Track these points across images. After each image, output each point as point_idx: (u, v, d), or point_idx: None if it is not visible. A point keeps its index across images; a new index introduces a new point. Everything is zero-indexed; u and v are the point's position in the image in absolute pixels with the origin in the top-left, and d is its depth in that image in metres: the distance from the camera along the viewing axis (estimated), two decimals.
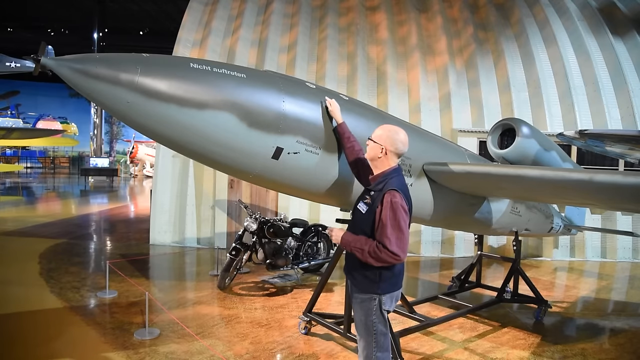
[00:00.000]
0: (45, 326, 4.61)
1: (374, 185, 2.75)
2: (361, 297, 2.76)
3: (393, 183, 2.68)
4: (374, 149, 2.76)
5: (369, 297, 2.74)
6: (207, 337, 4.42)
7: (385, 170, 2.76)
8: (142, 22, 31.39)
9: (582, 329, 5.24)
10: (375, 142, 2.76)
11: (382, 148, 2.74)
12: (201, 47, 9.65)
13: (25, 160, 36.38)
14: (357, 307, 2.80)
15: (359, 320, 2.80)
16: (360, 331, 2.80)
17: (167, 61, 2.60)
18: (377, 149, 2.75)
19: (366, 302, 2.75)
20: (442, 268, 8.03)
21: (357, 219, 2.79)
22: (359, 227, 2.74)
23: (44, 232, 9.66)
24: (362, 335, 2.79)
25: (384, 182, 2.71)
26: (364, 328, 2.77)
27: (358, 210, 2.78)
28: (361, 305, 2.77)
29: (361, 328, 2.79)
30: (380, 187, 2.69)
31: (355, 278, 2.78)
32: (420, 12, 10.61)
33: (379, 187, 2.70)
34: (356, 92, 9.20)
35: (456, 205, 4.30)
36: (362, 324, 2.78)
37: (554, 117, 9.21)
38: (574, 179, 3.31)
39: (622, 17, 10.18)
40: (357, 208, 2.80)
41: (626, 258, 8.97)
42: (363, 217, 2.71)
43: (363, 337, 2.79)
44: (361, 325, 2.79)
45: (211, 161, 2.90)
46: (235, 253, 5.85)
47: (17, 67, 17.73)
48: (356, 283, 2.78)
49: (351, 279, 2.84)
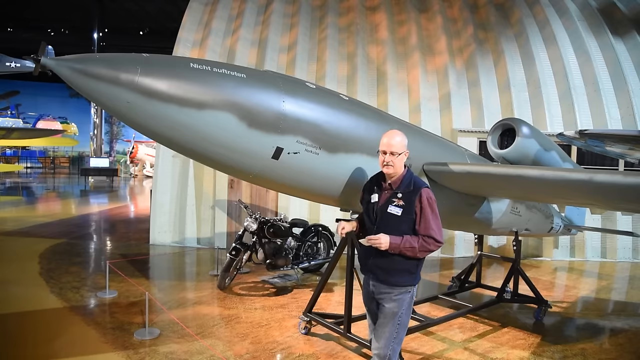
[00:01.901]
0: (45, 326, 4.61)
1: (400, 187, 2.82)
2: (398, 291, 2.84)
3: (418, 181, 2.87)
4: (402, 159, 2.83)
5: (405, 290, 2.85)
6: (207, 337, 4.42)
7: (403, 171, 2.87)
8: (142, 22, 31.40)
9: (582, 329, 5.24)
10: (400, 153, 2.82)
11: (407, 154, 2.86)
12: (201, 47, 9.65)
13: (25, 160, 36.39)
14: (388, 302, 2.85)
15: (389, 312, 2.84)
16: (386, 321, 2.85)
17: (167, 61, 2.61)
18: (405, 156, 2.85)
19: (402, 295, 2.85)
20: (442, 268, 8.03)
21: (392, 222, 2.80)
22: (396, 228, 2.78)
23: (44, 232, 9.65)
24: (386, 325, 2.84)
25: (408, 182, 2.83)
26: (392, 319, 2.84)
27: (390, 214, 2.80)
28: (396, 299, 2.84)
29: (389, 318, 2.85)
30: (410, 188, 2.80)
31: (391, 274, 2.83)
32: (420, 12, 10.61)
33: (408, 188, 2.80)
34: (356, 92, 9.20)
35: (456, 205, 4.30)
36: (391, 316, 2.84)
37: (554, 117, 9.21)
38: (574, 179, 3.31)
39: (622, 17, 10.18)
40: (388, 212, 2.80)
41: (626, 258, 8.97)
42: (400, 219, 2.78)
43: (387, 328, 2.84)
44: (390, 316, 2.85)
45: (211, 161, 2.91)
46: (235, 253, 5.85)
47: (17, 67, 17.73)
48: (391, 279, 2.83)
49: (383, 276, 2.85)
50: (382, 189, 2.91)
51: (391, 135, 2.85)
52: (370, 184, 3.03)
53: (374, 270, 2.89)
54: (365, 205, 2.99)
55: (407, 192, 2.79)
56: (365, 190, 3.06)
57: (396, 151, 2.79)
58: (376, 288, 2.91)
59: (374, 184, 2.98)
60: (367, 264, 2.94)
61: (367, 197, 2.98)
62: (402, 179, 2.84)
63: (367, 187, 3.05)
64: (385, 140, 2.83)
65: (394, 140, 2.81)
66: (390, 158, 2.79)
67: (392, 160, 2.79)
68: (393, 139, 2.81)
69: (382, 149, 2.83)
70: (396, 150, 2.79)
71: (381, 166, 2.86)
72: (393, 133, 2.86)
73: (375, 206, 2.88)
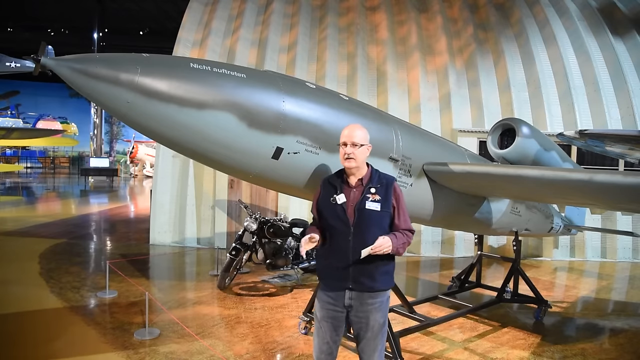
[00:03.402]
0: (45, 326, 4.61)
1: (372, 182, 2.68)
2: (381, 298, 2.65)
3: (387, 175, 2.77)
4: (364, 152, 2.69)
5: (387, 296, 2.70)
6: (207, 337, 4.42)
7: (369, 168, 2.76)
8: (142, 22, 31.38)
9: (582, 329, 5.24)
10: (363, 144, 2.68)
11: (369, 148, 2.74)
12: (201, 47, 9.65)
13: (25, 160, 36.40)
14: (374, 313, 2.62)
15: (377, 325, 2.62)
16: (374, 334, 2.63)
17: (167, 61, 2.60)
18: (367, 150, 2.72)
19: (385, 300, 2.68)
20: (442, 268, 8.03)
21: (373, 218, 2.62)
22: (378, 224, 2.62)
23: (44, 232, 9.65)
24: (375, 338, 2.63)
25: (377, 176, 2.72)
26: (380, 330, 2.65)
27: (370, 210, 2.61)
28: (381, 307, 2.65)
29: (377, 331, 2.63)
30: (383, 182, 2.69)
31: (376, 280, 2.62)
32: (420, 12, 10.61)
33: (380, 182, 2.69)
34: (356, 92, 9.20)
35: (456, 205, 4.30)
36: (379, 327, 2.64)
37: (554, 117, 9.21)
38: (574, 179, 3.31)
39: (622, 17, 10.18)
40: (367, 209, 2.60)
41: (626, 258, 8.97)
42: (380, 214, 2.62)
43: (377, 340, 2.64)
44: (379, 328, 2.63)
45: (211, 161, 2.90)
46: (235, 253, 5.85)
47: (17, 67, 17.71)
48: (376, 285, 2.63)
49: (369, 283, 2.61)
50: (349, 187, 2.69)
51: (352, 127, 2.72)
52: (329, 187, 2.74)
53: (358, 279, 2.60)
54: (330, 208, 2.67)
55: (379, 186, 2.66)
56: (323, 194, 2.74)
57: (358, 142, 2.63)
58: (358, 300, 2.62)
59: (334, 185, 2.72)
60: (345, 274, 2.61)
61: (328, 199, 2.68)
62: (371, 174, 2.72)
63: (326, 191, 2.73)
64: (346, 132, 2.68)
65: (355, 132, 2.66)
66: (351, 149, 2.62)
67: (354, 152, 2.62)
68: (354, 131, 2.67)
69: (343, 140, 2.67)
70: (358, 141, 2.63)
71: (342, 160, 2.70)
72: (354, 126, 2.75)
73: (346, 206, 2.64)
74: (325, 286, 2.73)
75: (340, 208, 2.64)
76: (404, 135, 3.66)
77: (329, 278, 2.72)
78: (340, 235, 2.64)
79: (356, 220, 2.61)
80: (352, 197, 2.66)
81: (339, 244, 2.64)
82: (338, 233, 2.65)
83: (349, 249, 2.59)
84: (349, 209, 2.64)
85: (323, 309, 2.70)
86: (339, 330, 2.71)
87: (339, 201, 2.65)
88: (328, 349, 2.70)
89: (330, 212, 2.68)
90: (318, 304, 2.75)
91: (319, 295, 2.76)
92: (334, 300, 2.66)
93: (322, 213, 2.72)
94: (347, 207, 2.65)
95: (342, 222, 2.63)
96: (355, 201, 2.65)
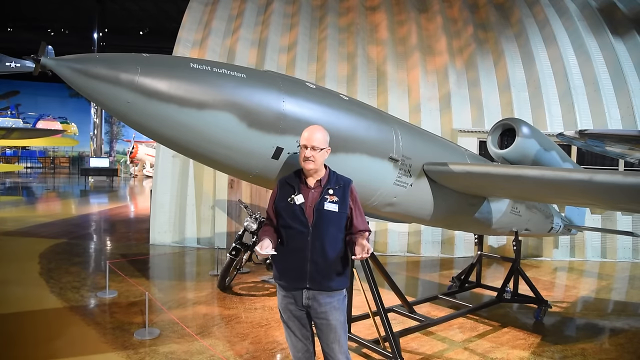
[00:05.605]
0: (45, 326, 4.61)
1: (330, 183, 2.72)
2: (337, 297, 2.70)
3: (344, 177, 2.80)
4: (323, 155, 2.70)
5: (343, 295, 2.75)
6: (207, 337, 4.42)
7: (327, 169, 2.78)
8: (142, 22, 31.40)
9: (582, 329, 5.24)
10: (322, 149, 2.68)
11: (328, 151, 2.75)
12: (201, 47, 9.65)
13: (25, 160, 36.41)
14: (333, 312, 2.66)
15: (338, 324, 2.69)
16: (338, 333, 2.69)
17: (167, 61, 2.60)
18: (326, 153, 2.73)
19: (342, 299, 2.73)
20: (442, 268, 8.03)
21: (332, 219, 2.66)
22: (336, 225, 2.68)
23: (44, 232, 9.65)
24: (341, 339, 2.70)
25: (335, 178, 2.76)
26: (342, 328, 2.71)
27: (328, 211, 2.64)
28: (340, 306, 2.71)
29: (340, 329, 2.69)
30: (340, 184, 2.73)
31: (331, 279, 2.67)
32: (420, 12, 10.62)
33: (338, 183, 2.73)
34: (356, 92, 9.20)
35: (456, 205, 4.30)
36: (342, 326, 2.71)
37: (554, 117, 9.21)
38: (574, 179, 3.31)
39: (622, 17, 10.19)
40: (325, 210, 2.63)
41: (626, 258, 8.97)
42: (339, 215, 2.67)
43: (341, 339, 2.70)
44: (341, 327, 2.70)
45: (211, 161, 2.90)
46: (235, 253, 5.85)
47: (17, 67, 17.71)
48: (332, 284, 2.67)
49: (325, 282, 2.65)
50: (307, 187, 2.71)
51: (312, 130, 2.70)
52: (287, 187, 2.74)
53: (314, 277, 2.63)
54: (288, 208, 2.68)
55: (337, 187, 2.70)
56: (280, 194, 2.75)
57: (317, 146, 2.64)
58: (315, 300, 2.65)
59: (292, 186, 2.72)
60: (302, 274, 2.64)
61: (286, 200, 2.69)
62: (329, 175, 2.74)
63: (284, 191, 2.74)
64: (307, 134, 2.67)
65: (315, 135, 2.66)
66: (311, 153, 2.64)
67: (314, 155, 2.64)
68: (314, 134, 2.66)
69: (303, 143, 2.68)
70: (317, 145, 2.64)
71: (301, 162, 2.71)
72: (314, 128, 2.74)
73: (304, 206, 2.66)
74: (284, 287, 2.75)
75: (299, 208, 2.66)
76: (404, 135, 3.66)
77: (286, 278, 2.73)
78: (298, 235, 2.65)
79: (315, 220, 2.64)
80: (310, 198, 2.69)
81: (296, 244, 2.65)
82: (296, 233, 2.66)
83: (307, 249, 2.63)
84: (308, 210, 2.66)
85: (286, 310, 2.75)
86: (308, 326, 2.78)
87: (298, 202, 2.66)
88: (303, 346, 2.78)
89: (289, 212, 2.68)
90: (280, 306, 2.79)
91: (279, 297, 2.80)
92: (294, 300, 2.71)
93: (280, 213, 2.72)
94: (305, 207, 2.67)
95: (300, 223, 2.65)
96: (314, 202, 2.67)
